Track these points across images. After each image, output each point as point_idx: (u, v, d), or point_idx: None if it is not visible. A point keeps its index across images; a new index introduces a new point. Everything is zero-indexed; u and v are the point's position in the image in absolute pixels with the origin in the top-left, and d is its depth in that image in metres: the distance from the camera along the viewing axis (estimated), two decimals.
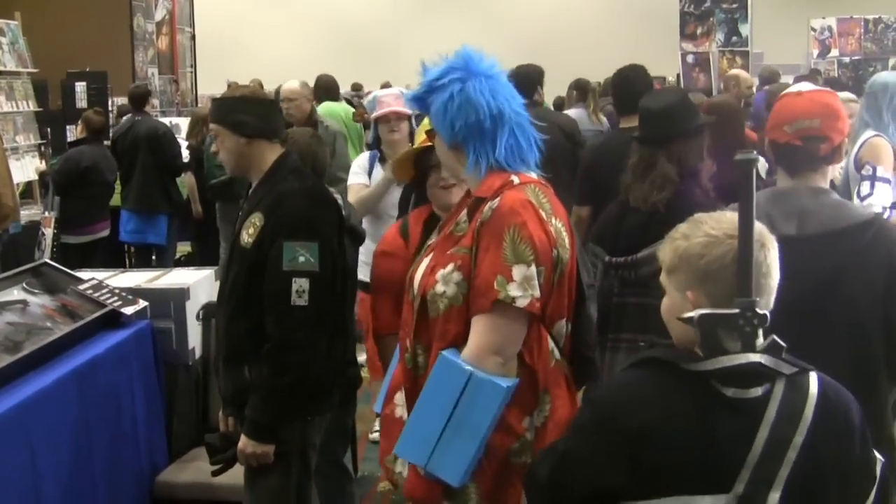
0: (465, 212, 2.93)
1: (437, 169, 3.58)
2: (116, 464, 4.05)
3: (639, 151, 4.15)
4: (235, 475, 3.65)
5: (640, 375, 2.38)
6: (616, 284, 4.04)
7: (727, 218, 2.36)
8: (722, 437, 2.26)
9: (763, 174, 4.99)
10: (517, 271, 2.72)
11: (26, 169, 11.17)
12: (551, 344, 2.86)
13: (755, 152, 2.38)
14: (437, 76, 2.91)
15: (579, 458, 2.37)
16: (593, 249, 4.11)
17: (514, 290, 2.72)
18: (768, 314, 2.28)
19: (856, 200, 5.06)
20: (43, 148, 11.83)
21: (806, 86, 3.54)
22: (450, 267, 2.81)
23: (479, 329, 2.74)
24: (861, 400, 2.47)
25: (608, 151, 5.45)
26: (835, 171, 3.40)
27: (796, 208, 3.10)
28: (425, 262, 2.95)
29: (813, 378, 2.33)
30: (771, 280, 2.37)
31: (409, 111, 5.33)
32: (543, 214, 2.83)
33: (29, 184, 11.36)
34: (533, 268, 2.74)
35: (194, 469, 4.33)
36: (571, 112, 8.66)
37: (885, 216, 4.77)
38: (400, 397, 2.98)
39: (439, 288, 2.81)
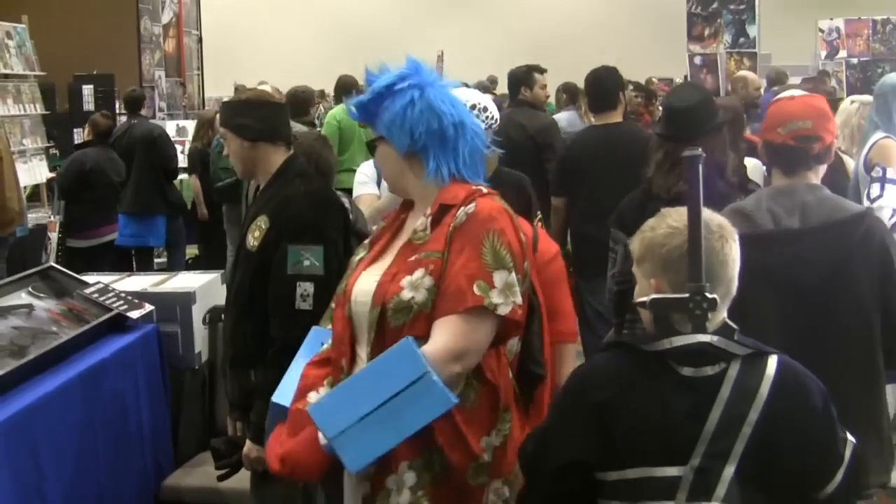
0: (421, 220, 2.78)
1: None
2: (122, 468, 4.04)
3: (664, 147, 4.27)
4: (242, 480, 3.64)
5: (608, 357, 2.63)
6: None
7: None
8: (677, 413, 2.43)
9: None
10: (498, 277, 2.62)
11: (33, 172, 11.19)
12: (506, 360, 2.76)
13: (700, 150, 2.60)
14: (391, 82, 2.78)
15: (555, 431, 2.58)
16: (615, 235, 4.25)
17: (496, 297, 2.60)
18: (718, 299, 2.45)
19: (865, 202, 5.06)
20: (51, 151, 11.86)
21: (798, 91, 4.01)
22: (419, 272, 2.65)
23: (447, 330, 2.59)
24: (866, 386, 2.83)
25: (583, 146, 6.07)
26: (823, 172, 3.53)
27: (798, 203, 3.32)
28: (370, 274, 2.79)
29: (772, 360, 2.47)
30: (728, 270, 2.53)
31: None
32: (515, 224, 2.76)
33: (36, 187, 11.37)
34: (513, 274, 2.65)
35: (200, 473, 4.32)
36: (562, 115, 8.84)
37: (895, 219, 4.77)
38: (314, 396, 2.79)
39: (406, 294, 2.64)
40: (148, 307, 4.42)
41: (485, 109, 4.14)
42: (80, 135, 10.98)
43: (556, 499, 2.63)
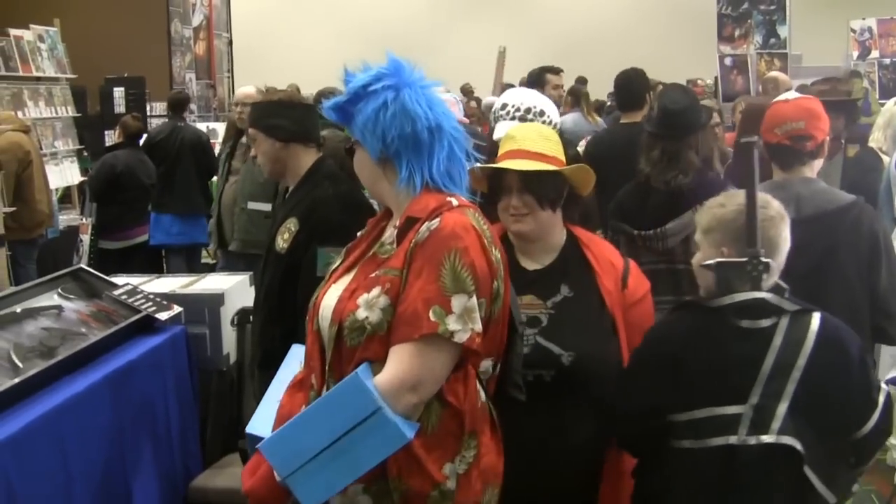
0: (390, 232, 2.64)
1: (508, 192, 3.18)
2: (150, 469, 4.04)
3: (659, 144, 4.62)
4: None
5: (678, 314, 3.06)
6: (644, 255, 4.40)
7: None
8: (737, 359, 2.87)
9: None
10: (456, 302, 2.44)
11: (65, 174, 11.25)
12: (478, 383, 2.59)
13: (756, 137, 3.16)
14: (366, 82, 2.61)
15: (634, 380, 3.02)
16: (615, 226, 4.61)
17: (452, 324, 2.43)
18: (772, 263, 2.92)
19: None
20: (83, 153, 11.92)
21: (792, 94, 4.38)
22: (375, 291, 2.49)
23: (401, 359, 2.43)
24: None
25: (610, 143, 6.28)
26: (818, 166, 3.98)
27: (793, 195, 3.69)
28: (337, 287, 2.65)
29: (816, 316, 2.91)
30: (782, 243, 3.00)
31: (465, 119, 4.86)
32: (486, 242, 2.56)
33: (68, 189, 11.44)
34: (474, 299, 2.47)
35: (228, 475, 4.31)
36: (568, 116, 9.00)
37: None
38: None
39: (361, 314, 2.48)
40: (176, 309, 4.43)
41: (541, 113, 4.18)
42: (111, 137, 11.04)
43: (635, 439, 3.08)
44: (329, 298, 2.63)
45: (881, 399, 2.96)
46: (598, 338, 3.11)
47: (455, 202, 2.59)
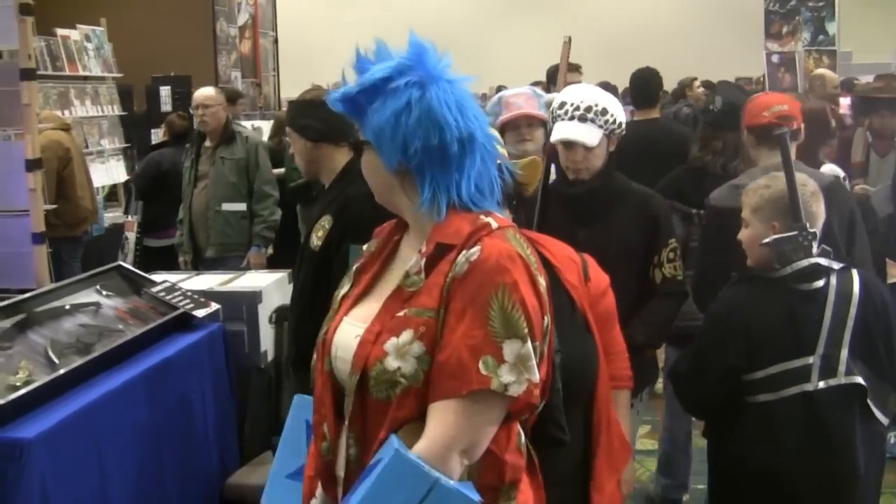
0: (415, 260, 2.23)
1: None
2: (186, 466, 4.05)
3: (722, 135, 5.18)
4: None
5: (740, 288, 3.54)
6: (697, 232, 4.89)
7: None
8: (802, 317, 3.40)
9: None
10: (509, 349, 2.08)
11: (111, 172, 11.34)
12: (518, 426, 2.28)
13: (785, 127, 3.81)
14: (387, 75, 2.19)
15: (709, 349, 3.50)
16: (671, 205, 4.70)
17: (506, 375, 2.07)
18: (818, 231, 3.45)
19: None
20: (129, 151, 12.01)
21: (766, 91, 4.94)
22: (406, 335, 2.12)
23: (447, 420, 2.07)
24: None
25: (628, 138, 6.80)
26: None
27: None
28: (352, 322, 2.30)
29: (854, 272, 3.50)
30: (820, 215, 3.52)
31: (544, 114, 4.42)
32: (533, 271, 2.20)
33: (114, 187, 11.53)
34: (528, 344, 2.10)
35: (265, 472, 4.27)
36: None
37: None
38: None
39: (391, 363, 2.11)
40: (214, 306, 4.44)
41: (603, 112, 3.77)
42: (157, 135, 11.11)
43: (711, 402, 3.54)
44: (344, 336, 2.28)
45: None
46: (575, 336, 2.88)
47: (494, 223, 2.22)
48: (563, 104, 3.85)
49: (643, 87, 7.01)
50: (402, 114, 2.17)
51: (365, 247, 2.52)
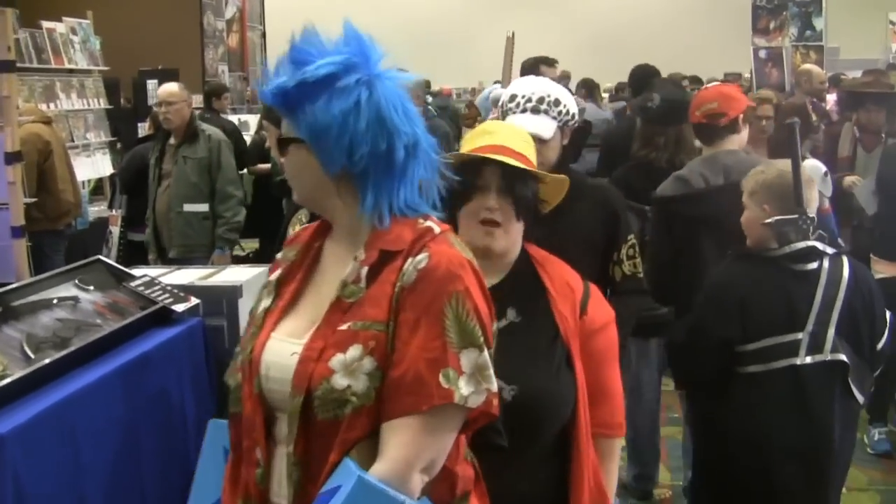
0: (352, 267, 2.11)
1: (484, 192, 2.73)
2: (164, 462, 4.01)
3: (664, 131, 5.50)
4: None
5: (737, 265, 3.88)
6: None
7: (783, 163, 3.87)
8: (794, 295, 3.72)
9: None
10: (466, 359, 2.00)
11: (97, 166, 11.32)
12: (463, 437, 2.20)
13: (797, 119, 4.07)
14: (334, 71, 2.07)
15: (706, 321, 3.80)
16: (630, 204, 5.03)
17: (465, 387, 1.99)
18: (816, 217, 3.77)
19: None
20: (115, 145, 11.98)
21: (716, 82, 5.49)
22: (355, 350, 2.00)
23: (408, 438, 1.97)
24: None
25: (628, 130, 6.92)
26: (743, 139, 4.88)
27: (721, 166, 4.68)
28: (282, 338, 2.16)
29: (845, 258, 3.82)
30: (814, 202, 3.84)
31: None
32: (480, 276, 2.13)
33: (100, 181, 11.49)
34: (485, 353, 2.03)
35: None
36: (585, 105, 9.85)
37: None
38: None
39: (339, 381, 1.99)
40: (194, 300, 4.39)
41: (556, 103, 3.63)
42: (144, 129, 11.10)
43: (710, 372, 3.80)
44: (276, 354, 2.13)
45: (888, 319, 3.91)
46: (547, 370, 2.71)
47: (436, 228, 2.14)
48: (513, 97, 3.70)
49: (646, 83, 7.29)
50: (350, 115, 2.05)
51: (279, 255, 2.37)
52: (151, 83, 12.90)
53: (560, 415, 2.71)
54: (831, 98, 9.78)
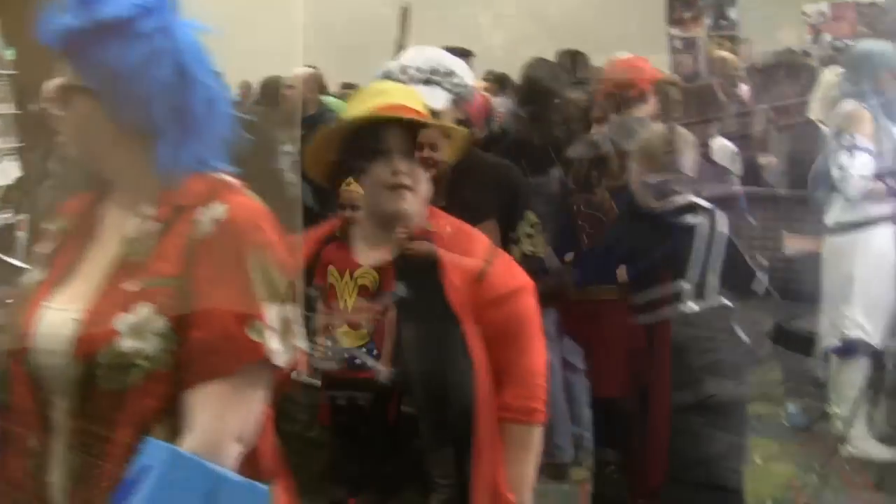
0: (136, 223, 1.87)
1: (387, 156, 2.56)
2: None
3: (527, 109, 5.52)
4: None
5: (626, 220, 4.11)
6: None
7: (664, 128, 4.22)
8: (678, 247, 3.91)
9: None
10: (273, 313, 1.80)
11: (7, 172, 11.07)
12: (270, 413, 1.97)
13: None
14: (131, 15, 1.80)
15: (602, 257, 4.18)
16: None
17: (274, 342, 1.79)
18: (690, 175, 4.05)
19: (835, 171, 5.15)
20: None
21: (625, 54, 5.41)
22: (144, 310, 1.76)
23: (217, 404, 1.75)
24: None
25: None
26: (651, 110, 4.98)
27: (629, 130, 4.65)
28: (57, 307, 1.87)
29: (721, 212, 4.03)
30: (691, 161, 4.07)
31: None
32: (280, 230, 1.91)
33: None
34: (288, 307, 1.84)
35: None
36: (498, 101, 9.18)
37: (865, 187, 4.85)
38: None
39: (126, 344, 1.74)
40: None
41: (449, 74, 3.39)
42: None
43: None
44: (51, 324, 1.84)
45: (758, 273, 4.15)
46: (432, 349, 2.51)
47: (230, 180, 1.93)
48: (404, 68, 3.43)
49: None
50: (148, 64, 1.81)
51: (49, 226, 2.05)
52: None
53: (450, 398, 2.50)
54: (745, 88, 9.88)
